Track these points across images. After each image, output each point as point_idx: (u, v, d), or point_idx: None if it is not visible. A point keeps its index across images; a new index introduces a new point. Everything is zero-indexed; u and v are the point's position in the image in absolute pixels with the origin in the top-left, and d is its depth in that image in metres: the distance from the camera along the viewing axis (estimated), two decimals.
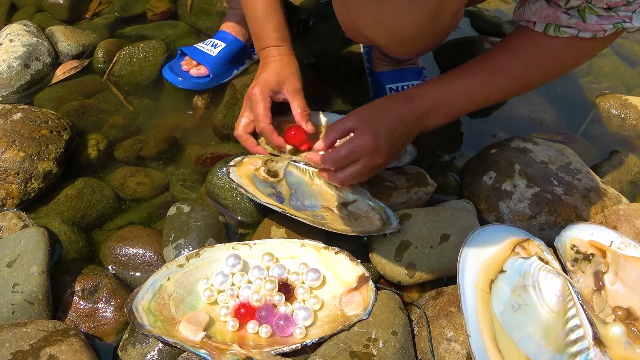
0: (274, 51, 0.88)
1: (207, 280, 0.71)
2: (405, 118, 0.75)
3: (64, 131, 0.89)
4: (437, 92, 0.77)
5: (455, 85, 0.77)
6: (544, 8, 0.72)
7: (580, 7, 0.69)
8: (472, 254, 0.70)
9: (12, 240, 0.73)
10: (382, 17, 0.68)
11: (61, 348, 0.63)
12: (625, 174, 0.94)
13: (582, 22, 0.70)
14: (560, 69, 0.79)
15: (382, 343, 0.65)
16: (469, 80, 0.77)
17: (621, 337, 0.64)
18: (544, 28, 0.73)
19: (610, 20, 0.69)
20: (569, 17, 0.70)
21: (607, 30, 0.70)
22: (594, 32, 0.70)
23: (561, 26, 0.71)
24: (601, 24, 0.69)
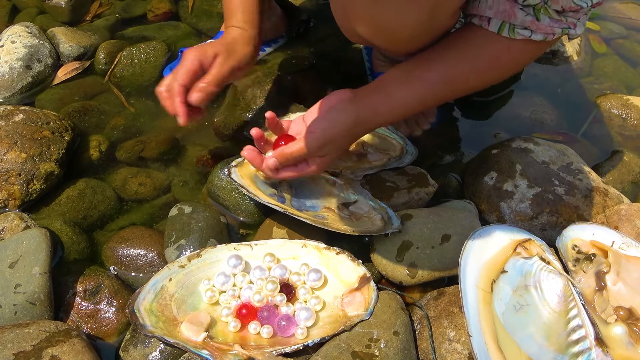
0: (235, 31, 0.85)
1: (208, 281, 0.71)
2: (352, 127, 0.74)
3: (65, 132, 0.89)
4: (386, 94, 0.75)
5: (406, 90, 0.75)
6: (501, 2, 0.70)
7: (536, 7, 0.68)
8: (474, 254, 0.70)
9: (14, 241, 0.73)
10: (379, 17, 0.68)
11: (63, 349, 0.63)
12: (626, 174, 0.94)
13: (536, 21, 0.69)
14: (504, 69, 0.77)
15: (384, 343, 0.65)
16: (415, 82, 0.75)
17: (623, 337, 0.64)
18: (499, 28, 0.71)
19: (560, 24, 0.69)
20: (525, 14, 0.69)
21: (555, 34, 0.70)
22: (545, 34, 0.70)
23: (516, 27, 0.70)
24: (552, 27, 0.69)
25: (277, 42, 1.14)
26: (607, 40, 1.26)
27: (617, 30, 1.29)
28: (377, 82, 0.77)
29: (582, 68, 1.18)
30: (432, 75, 0.75)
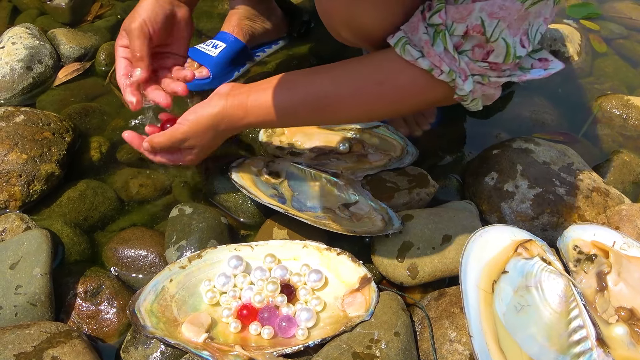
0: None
1: (209, 282, 0.71)
2: (208, 123, 0.75)
3: (66, 133, 0.90)
4: (250, 100, 0.74)
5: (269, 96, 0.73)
6: (416, 14, 0.67)
7: (437, 29, 0.64)
8: (474, 254, 0.70)
9: (15, 242, 0.73)
10: (356, 18, 0.68)
11: (64, 350, 0.63)
12: (627, 174, 0.94)
13: (429, 44, 0.64)
14: (391, 102, 0.72)
15: (385, 344, 0.65)
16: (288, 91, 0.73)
17: (624, 337, 0.64)
18: (397, 40, 0.67)
19: (451, 62, 0.65)
20: (425, 31, 0.65)
21: (442, 72, 0.65)
22: (432, 65, 0.65)
23: (409, 44, 0.66)
24: (441, 59, 0.64)
25: (278, 43, 1.14)
26: (608, 40, 1.26)
27: (618, 31, 1.29)
28: (265, 81, 0.75)
29: (583, 68, 1.18)
30: (309, 85, 0.72)
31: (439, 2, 0.64)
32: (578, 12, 1.33)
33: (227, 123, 0.75)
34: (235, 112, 0.74)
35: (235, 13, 1.07)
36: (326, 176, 0.84)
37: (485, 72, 0.66)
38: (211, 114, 0.74)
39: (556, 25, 1.23)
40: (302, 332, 0.67)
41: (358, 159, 0.89)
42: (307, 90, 0.72)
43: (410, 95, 0.71)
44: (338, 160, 0.88)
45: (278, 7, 1.13)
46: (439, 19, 0.64)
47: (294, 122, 0.81)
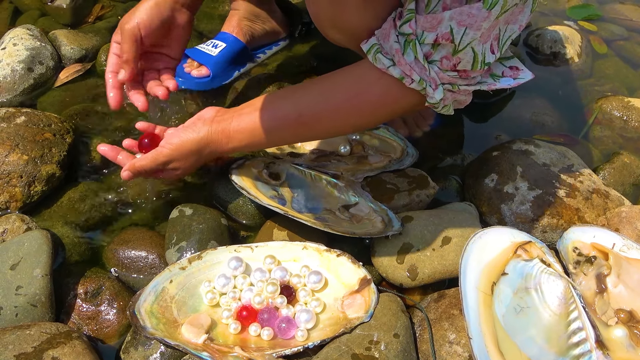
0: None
1: (209, 283, 0.71)
2: (192, 148, 0.76)
3: (67, 134, 0.90)
4: (232, 126, 0.75)
5: (250, 119, 0.75)
6: (388, 20, 0.67)
7: (408, 38, 0.64)
8: (474, 256, 0.70)
9: (16, 243, 0.73)
10: (340, 20, 0.68)
11: (64, 350, 0.63)
12: (627, 176, 0.94)
13: (400, 52, 0.65)
14: (355, 112, 0.72)
15: (384, 345, 0.65)
16: (266, 113, 0.74)
17: (623, 339, 0.64)
18: (369, 47, 0.67)
19: (421, 71, 0.65)
20: (396, 39, 0.65)
21: (413, 80, 0.65)
22: (402, 73, 0.65)
23: (381, 52, 0.66)
24: (412, 68, 0.65)
25: (278, 44, 1.14)
26: (608, 41, 1.26)
27: (618, 32, 1.29)
28: (247, 104, 0.77)
29: (583, 70, 1.18)
30: (286, 105, 0.74)
31: (409, 11, 0.64)
32: (578, 13, 1.33)
33: (211, 148, 0.77)
34: (219, 138, 0.76)
35: (235, 14, 1.08)
36: (326, 178, 0.84)
37: (455, 81, 0.67)
38: (195, 139, 0.76)
39: (556, 26, 1.23)
40: (301, 334, 0.67)
41: (358, 161, 0.89)
42: (286, 111, 0.74)
43: (385, 105, 0.72)
44: (338, 162, 0.88)
45: (278, 9, 1.13)
46: (409, 28, 0.64)
47: (277, 142, 0.83)
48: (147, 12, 0.77)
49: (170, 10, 0.79)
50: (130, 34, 0.76)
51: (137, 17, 0.77)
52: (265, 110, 0.74)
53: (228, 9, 1.21)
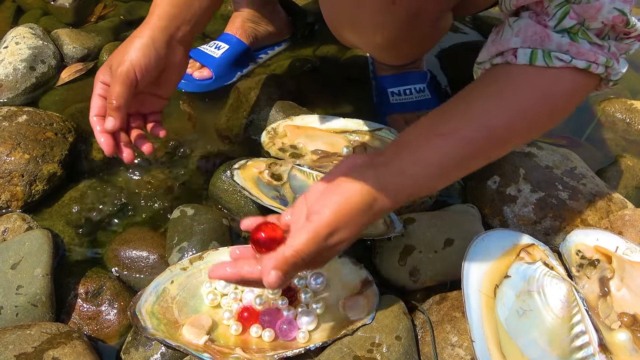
0: (140, 27, 0.72)
1: (210, 284, 0.71)
2: (364, 201, 0.56)
3: (68, 134, 0.90)
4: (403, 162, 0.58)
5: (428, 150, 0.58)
6: (530, 26, 0.59)
7: (572, 30, 0.58)
8: (477, 258, 0.70)
9: (17, 243, 0.73)
10: (359, 23, 0.67)
11: (64, 351, 0.63)
12: (630, 179, 0.93)
13: (575, 44, 0.57)
14: (545, 116, 0.61)
15: (386, 348, 0.64)
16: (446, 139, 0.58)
17: (627, 343, 0.64)
18: (530, 57, 0.58)
19: (603, 52, 0.59)
20: (560, 36, 0.58)
21: (599, 64, 0.58)
22: (588, 61, 0.58)
23: (551, 52, 0.58)
24: (595, 53, 0.58)
25: (281, 45, 1.14)
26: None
27: None
28: (396, 142, 0.62)
29: None
30: (468, 127, 0.58)
31: (559, 5, 0.57)
32: None
33: (383, 200, 0.56)
34: (393, 181, 0.57)
35: (238, 16, 1.07)
36: None
37: (630, 46, 0.61)
38: (363, 190, 0.55)
39: None
40: (303, 335, 0.67)
41: None
42: (471, 131, 0.58)
43: (571, 101, 0.62)
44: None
45: (282, 10, 1.13)
46: (571, 20, 0.57)
47: (460, 175, 0.66)
48: (142, 51, 0.68)
49: (166, 48, 0.71)
50: (124, 78, 0.67)
51: (131, 58, 0.68)
52: (448, 135, 0.58)
53: (230, 9, 1.21)
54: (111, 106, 0.68)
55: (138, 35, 0.70)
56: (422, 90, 0.99)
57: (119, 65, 0.68)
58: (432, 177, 0.59)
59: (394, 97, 0.98)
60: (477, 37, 1.23)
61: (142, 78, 0.69)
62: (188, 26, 0.73)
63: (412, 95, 0.98)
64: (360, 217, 0.56)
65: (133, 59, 0.68)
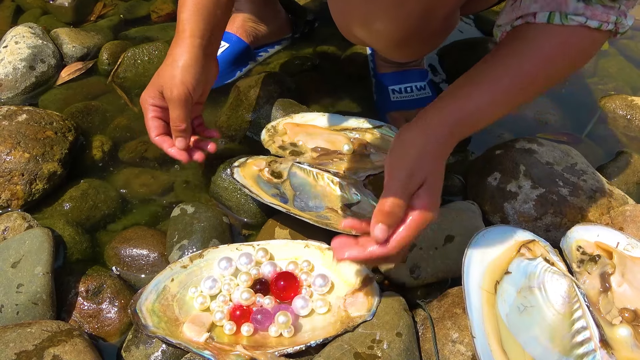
0: (174, 42, 0.77)
1: (196, 288, 0.70)
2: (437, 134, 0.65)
3: (68, 132, 0.90)
4: (464, 111, 0.66)
5: (480, 98, 0.66)
6: None
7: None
8: (477, 255, 0.70)
9: (17, 241, 0.73)
10: (370, 19, 0.67)
11: (65, 348, 0.63)
12: (631, 175, 0.93)
13: (590, 7, 0.63)
14: (567, 62, 0.69)
15: (387, 344, 0.64)
16: (481, 91, 0.66)
17: (628, 339, 0.64)
18: (548, 17, 0.65)
19: (615, 11, 0.65)
20: (576, 0, 0.63)
21: (610, 23, 0.65)
22: (600, 21, 0.65)
23: (567, 14, 0.64)
24: (608, 13, 0.64)
25: (280, 43, 1.14)
26: (612, 40, 1.26)
27: None
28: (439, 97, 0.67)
29: (587, 68, 1.17)
30: (500, 78, 0.66)
31: None
32: None
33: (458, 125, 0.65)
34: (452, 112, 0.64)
35: (239, 15, 1.07)
36: (328, 176, 0.84)
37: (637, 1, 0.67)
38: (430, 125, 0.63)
39: None
40: (275, 329, 0.66)
41: (360, 159, 0.89)
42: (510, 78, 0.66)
43: (589, 51, 0.70)
44: (340, 160, 0.88)
45: (283, 9, 1.13)
46: None
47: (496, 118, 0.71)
48: (190, 72, 0.75)
49: (207, 63, 0.77)
50: (183, 101, 0.75)
51: (183, 81, 0.74)
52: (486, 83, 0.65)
53: None
54: (179, 129, 0.77)
55: (180, 56, 0.75)
56: (423, 88, 0.99)
57: (173, 90, 0.74)
58: (479, 127, 0.68)
59: (394, 95, 0.98)
60: (477, 34, 1.23)
61: (195, 96, 0.76)
62: (217, 38, 0.80)
63: (412, 93, 0.98)
64: (434, 152, 0.64)
65: (185, 81, 0.75)
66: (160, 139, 0.79)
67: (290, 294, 0.70)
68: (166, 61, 0.76)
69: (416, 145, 0.63)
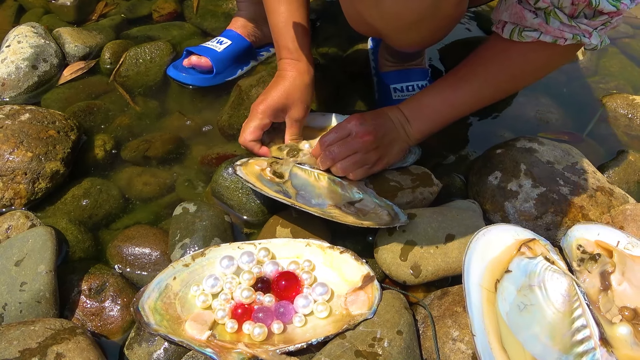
0: (290, 65, 0.88)
1: (198, 287, 0.70)
2: (391, 117, 0.83)
3: (71, 131, 0.90)
4: (417, 101, 0.84)
5: (433, 95, 0.83)
6: (514, 5, 0.74)
7: (546, 10, 0.70)
8: (478, 253, 0.70)
9: (20, 240, 0.74)
10: (383, 1, 0.68)
11: (68, 346, 0.63)
12: (632, 174, 0.93)
13: (544, 24, 0.71)
14: (527, 73, 0.82)
15: (387, 342, 0.65)
16: (446, 89, 0.83)
17: (628, 337, 0.64)
18: (510, 33, 0.75)
19: (571, 30, 0.71)
20: (534, 16, 0.72)
21: (566, 39, 0.72)
22: (554, 37, 0.72)
23: (524, 29, 0.73)
24: (562, 31, 0.71)
25: None
26: (613, 39, 1.26)
27: (624, 30, 1.29)
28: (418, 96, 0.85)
29: (588, 67, 1.17)
30: (467, 82, 0.82)
31: None
32: None
33: (403, 131, 0.84)
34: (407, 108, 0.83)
35: (242, 15, 1.08)
36: (329, 176, 0.84)
37: (605, 21, 0.71)
38: (388, 116, 0.83)
39: None
40: (278, 326, 0.67)
41: None
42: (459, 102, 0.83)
43: (550, 64, 0.81)
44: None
45: None
46: (544, 3, 0.70)
47: (455, 116, 0.86)
48: (306, 92, 0.87)
49: (309, 75, 0.89)
50: (301, 121, 0.88)
51: (305, 101, 0.87)
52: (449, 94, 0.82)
53: (232, 6, 1.21)
54: (293, 140, 0.89)
55: (293, 77, 0.87)
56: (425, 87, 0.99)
57: (299, 112, 0.87)
58: (437, 122, 0.84)
59: (396, 94, 0.98)
60: (478, 33, 1.23)
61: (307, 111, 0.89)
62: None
63: (414, 92, 0.98)
64: (387, 135, 0.82)
65: (306, 101, 0.87)
66: (254, 144, 0.86)
67: (292, 293, 0.70)
68: (283, 84, 0.86)
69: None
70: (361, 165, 0.81)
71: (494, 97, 0.85)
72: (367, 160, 0.81)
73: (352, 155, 0.80)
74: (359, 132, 0.80)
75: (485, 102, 0.85)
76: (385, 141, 0.82)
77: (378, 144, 0.81)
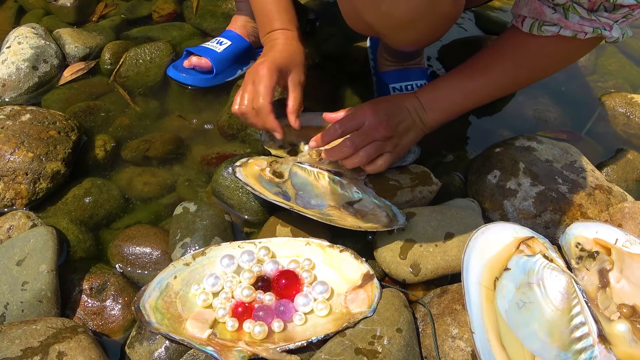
0: (282, 34, 0.86)
1: (198, 286, 0.71)
2: (406, 104, 0.82)
3: (71, 132, 0.90)
4: (434, 89, 0.84)
5: (450, 84, 0.83)
6: (533, 1, 0.74)
7: (565, 5, 0.71)
8: (477, 252, 0.70)
9: (22, 239, 0.74)
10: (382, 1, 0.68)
11: (70, 345, 0.64)
12: (630, 172, 0.93)
13: (564, 19, 0.72)
14: (546, 66, 0.82)
15: (387, 340, 0.65)
16: (463, 79, 0.83)
17: (626, 334, 0.64)
18: (530, 27, 0.76)
19: (591, 23, 0.71)
20: (553, 11, 0.72)
21: (587, 33, 0.72)
22: (574, 31, 0.73)
23: (544, 24, 0.74)
24: (582, 25, 0.71)
25: None
26: None
27: None
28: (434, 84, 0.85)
29: (587, 66, 1.18)
30: (479, 80, 0.82)
31: None
32: None
33: (419, 119, 0.83)
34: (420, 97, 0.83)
35: (241, 15, 1.08)
36: (329, 175, 0.85)
37: (627, 14, 0.71)
38: (403, 105, 0.83)
39: None
40: (278, 325, 0.67)
41: None
42: (477, 92, 0.83)
43: (571, 55, 0.81)
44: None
45: None
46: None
47: (470, 106, 0.86)
48: (303, 58, 0.87)
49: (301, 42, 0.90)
50: (302, 87, 0.85)
51: (303, 68, 0.86)
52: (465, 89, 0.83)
53: (232, 7, 1.22)
54: (296, 109, 0.84)
55: (289, 42, 0.86)
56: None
57: (301, 75, 0.85)
58: (452, 111, 0.84)
59: (395, 93, 0.99)
60: (477, 33, 1.23)
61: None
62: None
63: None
64: (401, 124, 0.81)
65: (305, 67, 0.86)
66: (270, 109, 0.80)
67: (292, 291, 0.70)
68: (281, 47, 0.85)
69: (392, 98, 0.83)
70: (381, 152, 0.81)
71: (512, 88, 0.86)
72: (385, 149, 0.80)
73: (371, 144, 0.79)
74: (373, 122, 0.79)
75: (502, 93, 0.85)
76: (400, 129, 0.81)
77: (393, 133, 0.80)
